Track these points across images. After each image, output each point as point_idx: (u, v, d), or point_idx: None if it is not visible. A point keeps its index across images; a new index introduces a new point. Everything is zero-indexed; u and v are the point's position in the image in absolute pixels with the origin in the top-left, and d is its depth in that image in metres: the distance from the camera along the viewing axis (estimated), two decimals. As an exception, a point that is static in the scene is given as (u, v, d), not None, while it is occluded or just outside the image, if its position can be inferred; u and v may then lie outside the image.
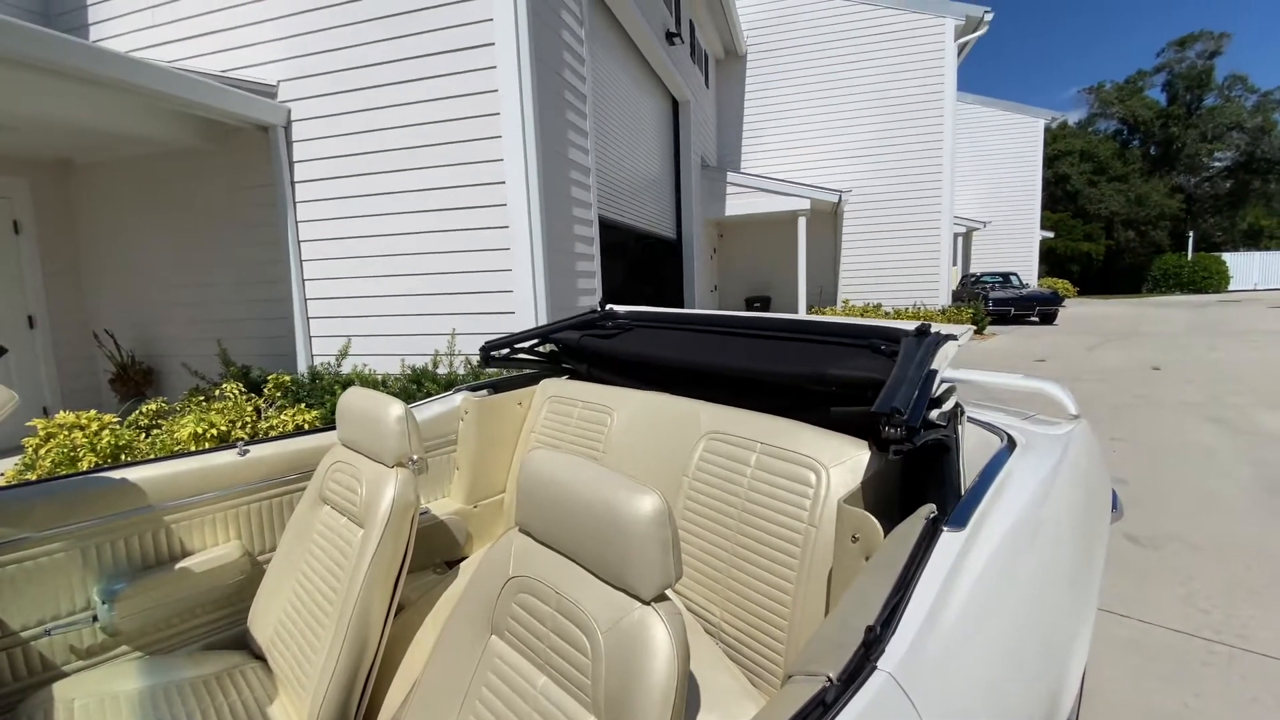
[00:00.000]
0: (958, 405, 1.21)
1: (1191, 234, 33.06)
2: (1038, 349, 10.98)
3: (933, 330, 1.30)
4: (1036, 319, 16.10)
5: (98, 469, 1.52)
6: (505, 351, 2.11)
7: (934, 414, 1.14)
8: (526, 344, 2.13)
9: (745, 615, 1.32)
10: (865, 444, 1.27)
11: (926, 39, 12.42)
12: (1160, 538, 3.22)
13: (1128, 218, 36.06)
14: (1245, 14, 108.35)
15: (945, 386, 1.23)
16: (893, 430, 1.00)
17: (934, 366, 1.17)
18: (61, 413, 3.30)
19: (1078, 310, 20.39)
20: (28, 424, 3.37)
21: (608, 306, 2.16)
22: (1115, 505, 1.85)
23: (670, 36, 8.99)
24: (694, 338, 1.78)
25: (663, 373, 1.79)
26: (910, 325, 1.34)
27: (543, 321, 2.39)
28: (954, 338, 1.29)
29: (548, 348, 2.23)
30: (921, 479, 1.16)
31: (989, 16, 12.12)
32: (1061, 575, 1.22)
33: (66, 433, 3.18)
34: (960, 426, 1.20)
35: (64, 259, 5.78)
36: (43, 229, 5.61)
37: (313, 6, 4.59)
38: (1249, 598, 2.61)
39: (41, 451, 3.13)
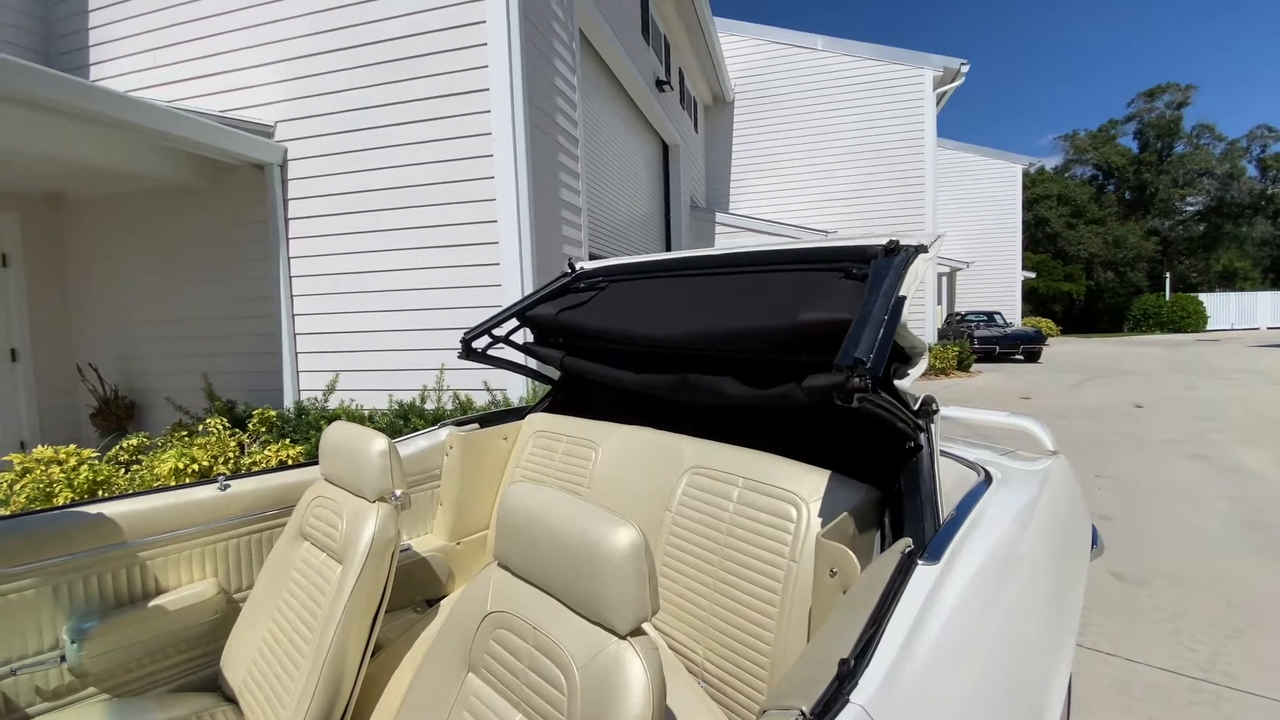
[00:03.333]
0: (931, 402, 1.22)
1: (1168, 275, 33.91)
2: (1022, 386, 11.11)
3: (902, 246, 1.24)
4: (1021, 357, 16.33)
5: (73, 504, 1.50)
6: (486, 343, 2.03)
7: (906, 382, 1.16)
8: (504, 330, 2.04)
9: (728, 654, 1.32)
10: (845, 478, 1.29)
11: (906, 89, 12.92)
12: (1145, 574, 3.22)
13: (1106, 259, 37.01)
14: (1210, 67, 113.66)
15: (923, 397, 1.23)
16: (856, 380, 0.97)
17: (902, 292, 1.13)
18: (39, 447, 3.24)
19: (1061, 349, 20.71)
20: (3, 459, 3.31)
21: (577, 265, 2.08)
22: (1095, 541, 1.86)
23: (660, 84, 9.29)
24: (668, 291, 1.71)
25: (639, 360, 1.71)
26: (881, 241, 1.29)
27: (541, 377, 2.35)
28: (924, 249, 1.24)
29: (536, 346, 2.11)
30: (901, 512, 1.17)
31: (965, 68, 12.66)
32: (1039, 610, 1.23)
33: (43, 468, 3.12)
34: (934, 426, 1.21)
35: (51, 292, 5.76)
36: (30, 262, 5.60)
37: (312, 51, 4.72)
38: (1234, 635, 2.60)
39: (16, 487, 3.07)
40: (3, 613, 1.32)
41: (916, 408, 1.19)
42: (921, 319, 12.96)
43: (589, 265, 2.06)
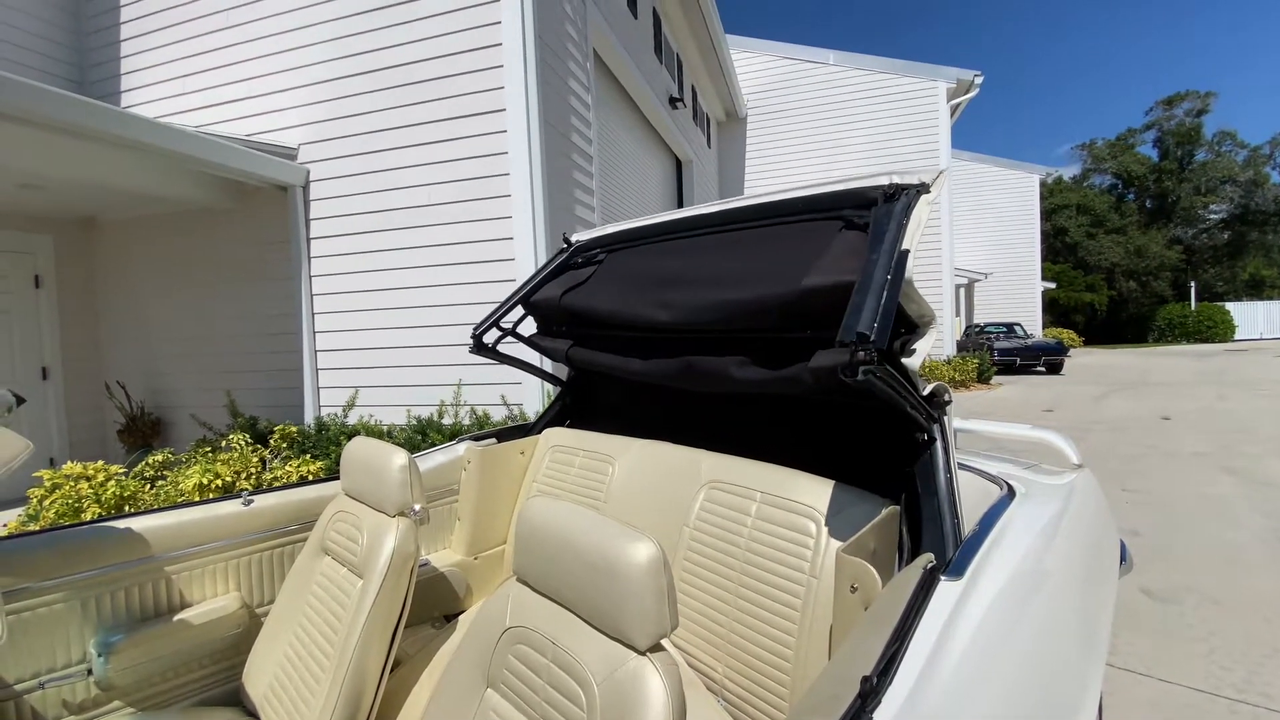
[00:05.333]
0: (944, 392, 1.19)
1: (1193, 284, 33.27)
2: (1045, 399, 10.92)
3: (903, 188, 1.18)
4: (1042, 369, 16.07)
5: (101, 519, 1.53)
6: (496, 337, 2.01)
7: (913, 360, 1.12)
8: (513, 323, 2.02)
9: (748, 672, 1.30)
10: (864, 492, 1.28)
11: (920, 101, 12.92)
12: (1177, 592, 3.13)
13: (1128, 268, 36.42)
14: (1229, 74, 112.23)
15: (933, 386, 1.19)
16: (862, 353, 0.94)
17: (906, 245, 1.07)
18: (68, 464, 3.32)
19: (1084, 360, 20.35)
20: (34, 474, 3.39)
21: (572, 239, 2.04)
22: (1124, 557, 1.82)
23: (673, 101, 9.39)
24: (666, 259, 1.65)
25: (642, 346, 1.66)
26: (883, 182, 1.22)
27: (551, 378, 2.34)
28: (926, 189, 1.17)
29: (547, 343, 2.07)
30: (920, 526, 1.16)
31: (979, 79, 12.64)
32: (1066, 627, 1.20)
33: (72, 484, 3.19)
34: (947, 418, 1.18)
35: (81, 312, 5.93)
36: (62, 283, 5.77)
37: (334, 75, 4.85)
38: (1272, 654, 2.51)
39: (46, 503, 3.14)
40: (33, 626, 1.34)
41: (927, 393, 1.15)
42: (939, 330, 12.82)
43: (584, 236, 2.01)
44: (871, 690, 0.73)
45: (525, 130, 4.36)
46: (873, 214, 1.17)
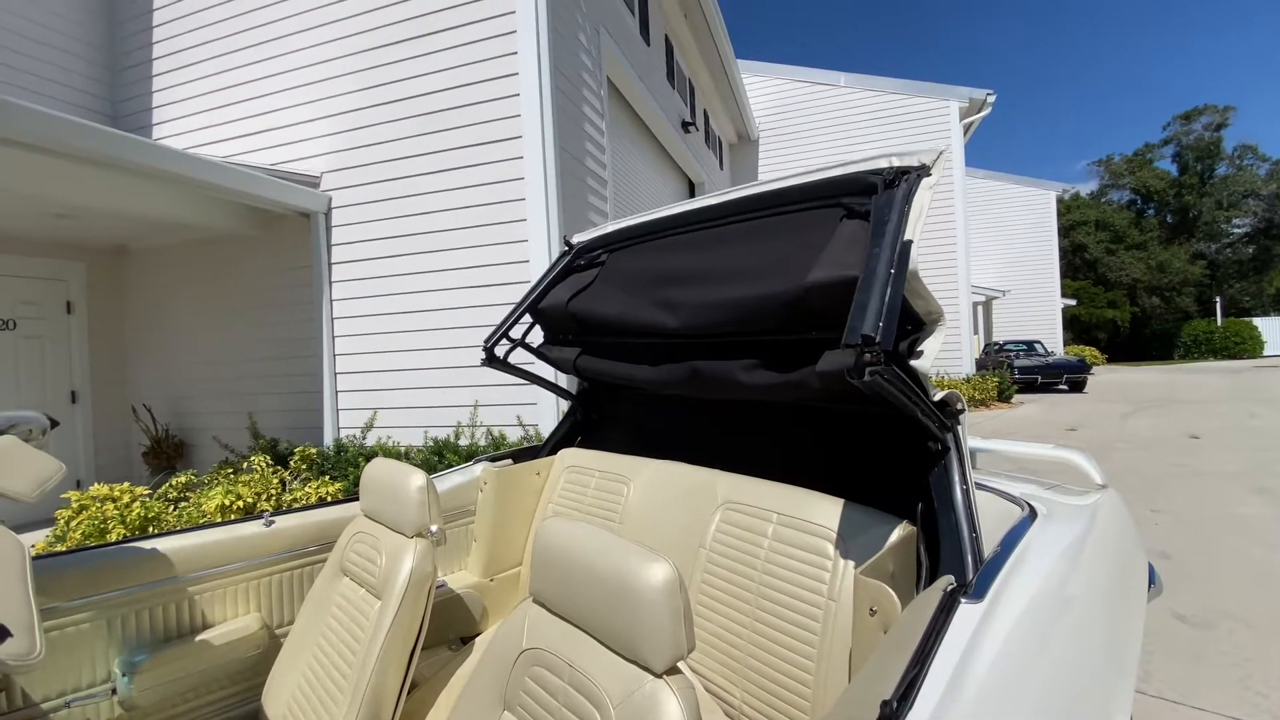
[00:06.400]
0: (957, 401, 1.16)
1: (1219, 300, 32.63)
2: (1068, 417, 10.71)
3: (903, 171, 1.14)
4: (1065, 387, 15.80)
5: (127, 540, 1.56)
6: (507, 348, 2.01)
7: (924, 348, 1.10)
8: (519, 332, 2.01)
9: (766, 697, 1.28)
10: (882, 513, 1.26)
11: (932, 121, 12.98)
12: (1211, 616, 3.03)
13: (1150, 284, 35.86)
14: (1247, 88, 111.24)
15: (945, 395, 1.15)
16: (868, 355, 0.93)
17: (908, 235, 1.04)
18: (95, 485, 3.39)
19: (1107, 378, 19.97)
20: (61, 496, 3.46)
21: (573, 241, 2.04)
22: (1153, 580, 1.77)
23: (686, 125, 9.52)
24: (668, 256, 1.63)
25: (648, 353, 1.65)
26: (882, 164, 1.19)
27: (564, 392, 2.35)
28: (926, 171, 1.13)
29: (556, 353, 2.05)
30: (939, 547, 1.14)
31: (991, 98, 12.66)
32: (1093, 652, 1.18)
33: (99, 505, 3.25)
34: (961, 428, 1.16)
35: (110, 337, 6.09)
36: (93, 309, 5.95)
37: (356, 106, 5.00)
38: (1315, 684, 2.42)
39: (73, 524, 3.20)
40: (60, 646, 1.37)
41: (938, 400, 1.13)
42: (957, 349, 12.69)
43: (585, 237, 2.00)
44: (891, 715, 0.72)
45: (541, 157, 4.45)
46: (873, 202, 1.15)
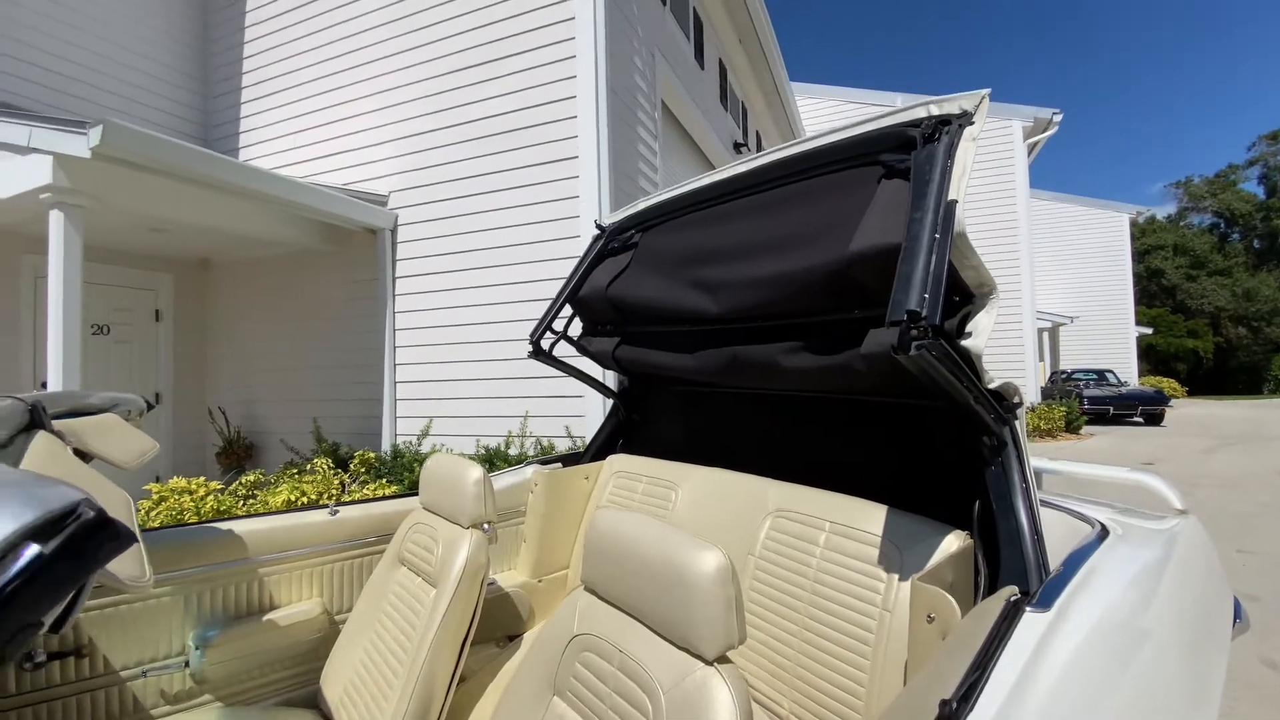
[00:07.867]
0: (1015, 393, 1.09)
1: (1315, 331, 30.19)
2: (1143, 450, 10.06)
3: (943, 121, 1.07)
4: (1140, 419, 14.85)
5: (204, 522, 1.67)
6: (551, 341, 2.02)
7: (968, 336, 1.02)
8: (562, 320, 2.03)
9: (817, 708, 1.25)
10: (939, 523, 1.23)
11: (994, 141, 12.62)
12: (1311, 668, 2.77)
13: (1236, 313, 33.47)
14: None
15: (1000, 384, 1.07)
16: (915, 330, 0.87)
17: (952, 195, 0.97)
18: (175, 478, 3.62)
19: (1187, 411, 18.67)
20: (144, 488, 3.71)
21: (604, 224, 2.02)
22: (1239, 615, 1.64)
23: (738, 146, 9.57)
24: (702, 232, 1.57)
25: (686, 340, 1.61)
26: (920, 114, 1.11)
27: (608, 390, 2.37)
28: (969, 120, 1.04)
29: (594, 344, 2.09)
30: (998, 557, 1.10)
31: (1058, 117, 12.24)
32: (1172, 681, 1.10)
33: (177, 496, 3.47)
34: (1020, 424, 1.11)
35: (192, 344, 6.52)
36: (178, 317, 6.39)
37: (423, 130, 5.26)
38: None
39: (153, 514, 3.42)
40: (141, 617, 1.46)
41: (993, 389, 1.06)
42: (1021, 376, 12.14)
43: (616, 218, 1.95)
44: (951, 715, 0.70)
45: (596, 177, 4.56)
46: (913, 159, 1.07)
